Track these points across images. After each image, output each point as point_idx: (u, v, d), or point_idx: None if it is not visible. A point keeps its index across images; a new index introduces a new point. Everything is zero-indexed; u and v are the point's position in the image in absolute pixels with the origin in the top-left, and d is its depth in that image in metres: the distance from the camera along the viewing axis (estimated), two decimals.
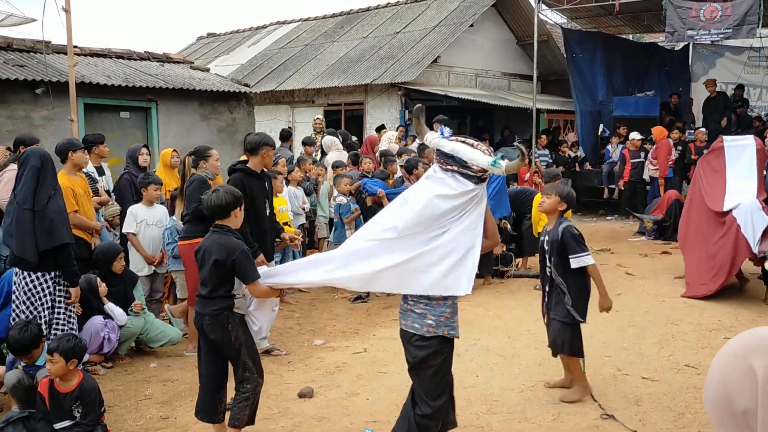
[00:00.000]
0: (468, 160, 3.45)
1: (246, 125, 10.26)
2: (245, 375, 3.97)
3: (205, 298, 3.92)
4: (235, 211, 3.98)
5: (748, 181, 7.71)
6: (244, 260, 3.82)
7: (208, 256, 3.87)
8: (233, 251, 3.81)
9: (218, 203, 3.93)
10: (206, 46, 22.85)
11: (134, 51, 10.53)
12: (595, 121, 15.15)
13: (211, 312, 3.89)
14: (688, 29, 12.41)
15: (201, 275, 3.99)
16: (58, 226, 4.60)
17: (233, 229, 3.97)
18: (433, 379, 3.61)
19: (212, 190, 4.07)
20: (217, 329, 3.89)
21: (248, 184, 5.44)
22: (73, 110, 7.34)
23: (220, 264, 3.82)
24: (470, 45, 16.41)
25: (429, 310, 3.50)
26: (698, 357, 5.73)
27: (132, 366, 5.67)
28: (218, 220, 3.98)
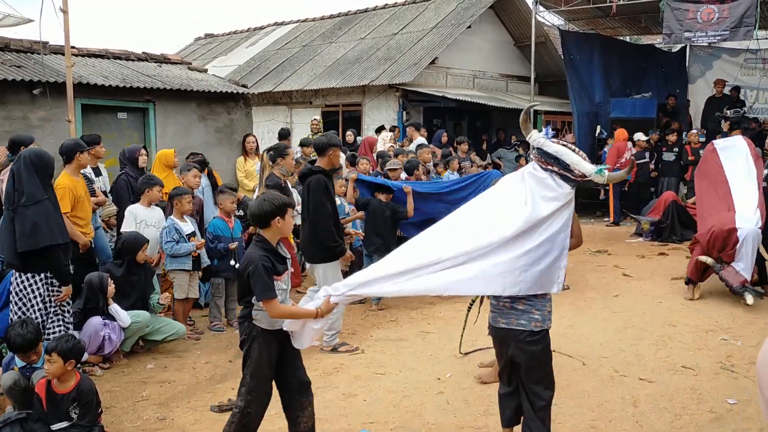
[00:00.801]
0: (571, 164, 3.54)
1: (244, 126, 10.25)
2: (241, 390, 3.81)
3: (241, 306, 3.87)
4: (275, 220, 3.77)
5: (747, 181, 7.74)
6: (257, 275, 3.64)
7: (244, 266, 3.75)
8: (250, 263, 3.68)
9: (259, 212, 3.76)
10: (204, 47, 22.83)
11: (132, 52, 10.51)
12: (592, 123, 15.17)
13: (242, 314, 3.84)
14: (685, 31, 12.43)
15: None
16: (41, 227, 4.57)
17: (267, 240, 3.79)
18: (549, 369, 3.77)
19: (261, 198, 3.91)
20: (242, 334, 3.83)
21: (328, 184, 5.77)
22: (71, 111, 7.33)
23: (241, 275, 3.77)
24: (468, 46, 16.42)
25: (534, 305, 3.61)
26: (695, 358, 5.74)
27: (129, 367, 5.66)
28: (260, 227, 3.83)
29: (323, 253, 5.80)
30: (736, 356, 5.80)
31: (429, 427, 4.49)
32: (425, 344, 6.16)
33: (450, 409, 4.77)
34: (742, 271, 7.13)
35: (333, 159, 5.87)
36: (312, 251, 5.85)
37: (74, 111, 7.45)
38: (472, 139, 14.42)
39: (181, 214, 6.45)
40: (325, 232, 5.73)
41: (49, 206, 4.69)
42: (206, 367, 5.68)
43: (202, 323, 6.85)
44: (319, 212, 5.73)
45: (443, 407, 4.78)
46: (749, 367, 5.55)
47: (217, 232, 6.68)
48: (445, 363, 5.67)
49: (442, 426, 4.51)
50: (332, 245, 5.77)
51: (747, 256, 7.16)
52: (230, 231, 6.77)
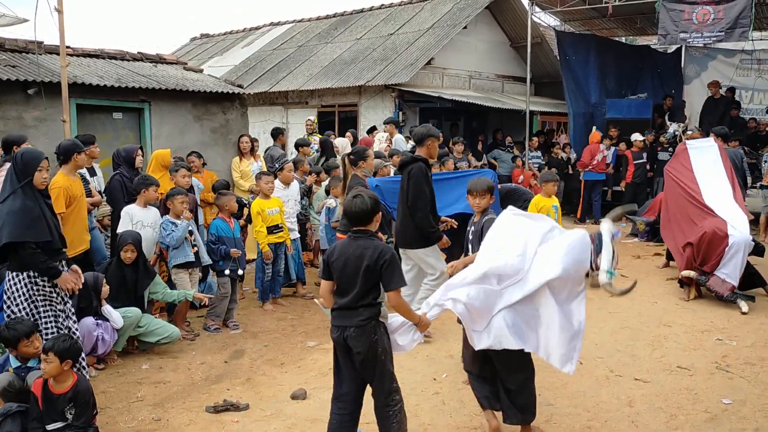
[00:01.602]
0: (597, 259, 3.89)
1: (239, 126, 10.22)
2: (393, 386, 3.83)
3: (347, 309, 3.75)
4: (377, 216, 3.84)
5: (718, 180, 7.82)
6: (394, 264, 3.70)
7: (357, 263, 3.70)
8: (383, 255, 3.68)
9: (364, 209, 3.77)
10: (200, 47, 22.80)
11: (127, 52, 10.48)
12: (588, 123, 15.18)
13: (357, 323, 3.71)
14: (680, 32, 12.45)
15: (340, 283, 3.80)
16: (5, 226, 4.49)
17: (375, 234, 3.85)
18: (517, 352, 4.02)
19: (353, 196, 3.87)
20: (363, 341, 3.72)
21: (427, 172, 6.04)
22: (66, 111, 7.31)
23: (371, 270, 3.68)
24: (464, 47, 16.43)
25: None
26: (690, 358, 5.75)
27: (124, 368, 5.65)
28: (360, 226, 3.82)
29: (421, 240, 6.04)
30: (731, 356, 5.81)
31: (425, 427, 4.49)
32: (421, 345, 6.13)
33: (446, 409, 4.77)
34: (728, 278, 7.21)
35: (431, 149, 6.10)
36: (409, 237, 6.04)
37: (69, 111, 7.42)
38: (468, 140, 14.44)
39: (176, 215, 6.44)
40: (423, 218, 5.96)
41: (19, 203, 4.52)
42: (201, 367, 5.67)
43: (198, 324, 6.83)
44: (419, 199, 5.95)
45: (439, 408, 4.78)
46: (744, 367, 5.57)
47: (220, 233, 6.67)
48: (441, 364, 5.67)
49: (437, 426, 4.51)
50: (430, 231, 6.00)
51: (734, 263, 7.23)
52: (232, 231, 6.78)
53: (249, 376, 5.44)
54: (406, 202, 6.01)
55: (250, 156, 9.47)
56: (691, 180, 8.00)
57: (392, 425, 3.81)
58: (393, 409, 3.81)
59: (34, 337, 4.41)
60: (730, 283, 7.18)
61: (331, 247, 3.98)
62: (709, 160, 8.08)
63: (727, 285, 7.18)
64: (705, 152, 8.20)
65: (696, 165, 8.11)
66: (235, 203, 6.94)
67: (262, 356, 5.94)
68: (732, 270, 7.20)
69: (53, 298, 4.79)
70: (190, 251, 6.38)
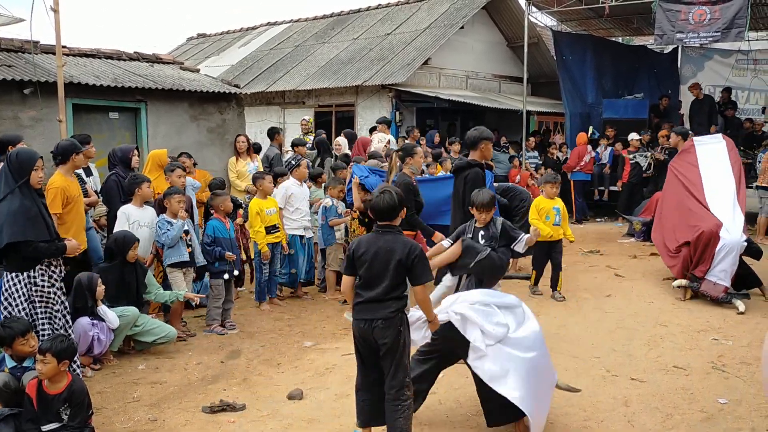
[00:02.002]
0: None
1: (236, 126, 10.22)
2: (406, 381, 3.93)
3: (375, 302, 3.87)
4: (402, 211, 4.02)
5: (723, 178, 7.80)
6: (424, 258, 3.90)
7: (387, 256, 3.84)
8: (413, 250, 3.85)
9: (391, 204, 3.93)
10: (196, 47, 22.77)
11: (123, 51, 10.47)
12: (585, 124, 15.20)
13: (386, 315, 3.84)
14: (677, 32, 12.47)
15: (367, 276, 3.90)
16: (6, 226, 4.51)
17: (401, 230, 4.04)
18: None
19: (381, 191, 4.03)
20: (391, 332, 3.85)
21: (483, 177, 6.17)
22: (62, 111, 7.30)
23: (402, 263, 3.82)
24: (461, 47, 16.43)
25: None
26: (687, 358, 5.76)
27: (120, 368, 5.64)
28: (386, 221, 3.96)
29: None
30: (727, 356, 5.82)
31: (421, 427, 4.49)
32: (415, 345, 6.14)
33: (442, 409, 4.77)
34: (720, 281, 7.24)
35: (485, 152, 6.17)
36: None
37: (65, 111, 7.41)
38: None
39: (173, 214, 6.43)
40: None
41: (17, 202, 4.55)
42: (198, 368, 5.66)
43: (194, 324, 6.82)
44: None
45: (435, 408, 4.78)
46: (740, 366, 5.57)
47: (217, 234, 6.66)
48: None
49: (434, 426, 4.50)
50: None
51: (725, 264, 7.27)
52: (227, 231, 6.78)
53: (245, 377, 5.43)
54: (462, 206, 6.04)
55: (247, 156, 9.46)
56: (696, 176, 7.96)
57: (399, 420, 3.88)
58: (403, 403, 3.90)
59: (29, 336, 4.40)
60: (722, 285, 7.21)
61: (356, 241, 4.09)
62: (716, 157, 8.04)
63: (719, 287, 7.21)
64: (712, 149, 8.17)
65: (702, 161, 8.08)
66: (230, 203, 6.93)
67: (259, 356, 5.93)
68: (723, 271, 7.24)
69: (50, 299, 4.79)
70: (185, 251, 6.37)
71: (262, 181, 7.39)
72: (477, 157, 6.15)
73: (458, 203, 6.16)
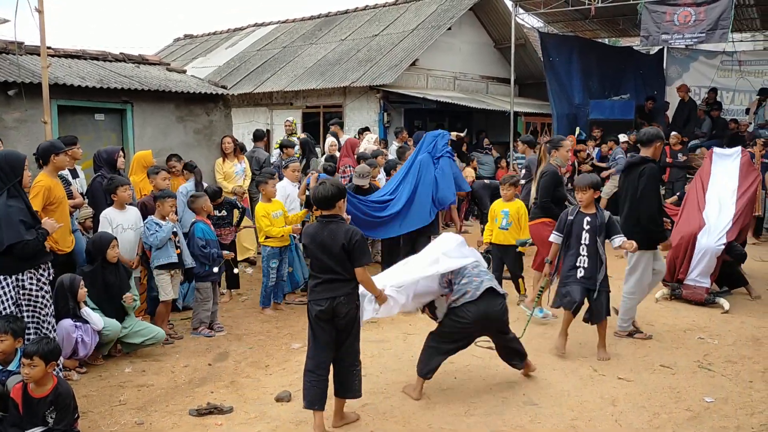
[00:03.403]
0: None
1: (223, 128, 10.17)
2: (358, 349, 4.48)
3: (336, 282, 4.28)
4: (339, 202, 4.40)
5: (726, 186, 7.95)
6: (363, 243, 4.33)
7: (332, 243, 4.25)
8: (354, 235, 4.27)
9: (327, 195, 4.33)
10: (183, 48, 22.67)
11: (109, 52, 10.39)
12: (572, 124, 15.28)
13: (346, 292, 4.29)
14: (662, 33, 12.57)
15: (319, 262, 4.32)
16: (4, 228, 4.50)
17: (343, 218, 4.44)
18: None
19: (319, 183, 4.46)
20: (350, 307, 4.32)
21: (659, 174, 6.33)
22: (47, 112, 7.23)
23: (344, 249, 4.24)
24: (448, 48, 16.47)
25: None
26: (673, 357, 5.80)
27: (106, 371, 5.59)
28: (327, 210, 4.37)
29: (646, 240, 6.06)
30: (713, 355, 5.86)
31: (409, 428, 4.49)
32: (406, 345, 6.15)
33: (430, 410, 4.76)
34: (699, 283, 7.37)
35: (657, 150, 6.23)
36: (633, 237, 5.95)
37: (50, 112, 7.34)
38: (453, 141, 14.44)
39: (162, 216, 6.39)
40: (651, 219, 6.07)
41: (13, 203, 4.58)
42: (185, 370, 5.63)
43: (181, 326, 6.78)
44: (649, 199, 6.08)
45: (424, 408, 4.78)
46: (726, 365, 5.62)
47: (206, 236, 6.62)
48: None
49: (422, 427, 4.50)
50: (656, 231, 6.16)
51: (702, 267, 7.42)
52: (212, 232, 6.74)
53: (233, 379, 5.41)
54: (634, 202, 6.10)
55: (234, 157, 9.41)
56: (704, 184, 8.22)
57: (355, 382, 4.46)
58: (357, 369, 4.48)
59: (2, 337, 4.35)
60: (702, 286, 7.32)
61: (304, 231, 4.57)
62: (727, 166, 8.23)
63: (699, 290, 7.32)
64: (727, 159, 8.35)
65: (714, 170, 8.32)
66: (209, 203, 6.87)
67: (247, 358, 5.91)
68: (701, 274, 7.42)
69: (38, 302, 4.77)
70: (174, 252, 6.33)
71: (265, 185, 7.31)
72: (650, 154, 6.20)
73: (633, 200, 6.13)
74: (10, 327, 4.36)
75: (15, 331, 4.36)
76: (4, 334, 4.32)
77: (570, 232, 5.88)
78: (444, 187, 7.95)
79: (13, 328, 4.37)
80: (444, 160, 7.99)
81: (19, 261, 4.63)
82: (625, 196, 6.27)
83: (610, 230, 5.78)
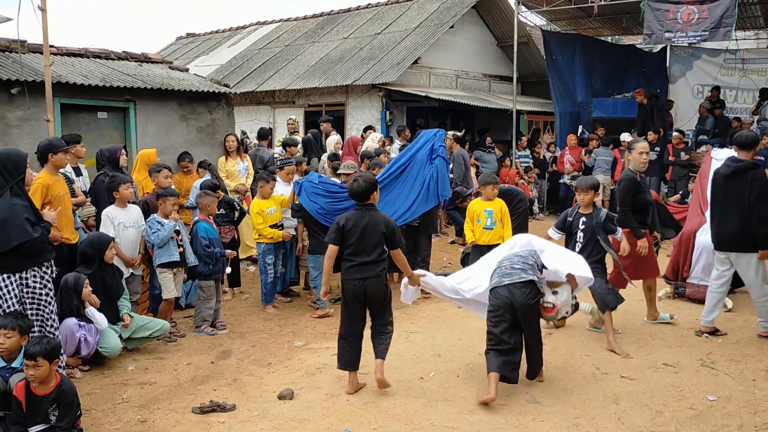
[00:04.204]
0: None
1: (225, 126, 10.17)
2: (390, 319, 5.12)
3: (367, 264, 4.90)
4: (374, 194, 5.01)
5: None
6: (397, 230, 5.04)
7: (374, 228, 4.90)
8: (389, 222, 5.00)
9: (361, 189, 4.94)
10: (185, 47, 22.67)
11: (112, 51, 10.38)
12: (575, 123, 15.25)
13: (376, 273, 4.91)
14: (665, 31, 12.54)
15: (358, 245, 4.91)
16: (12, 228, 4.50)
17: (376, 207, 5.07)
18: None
19: (353, 180, 5.04)
20: (380, 285, 4.95)
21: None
22: (50, 110, 7.24)
23: (384, 234, 4.90)
24: (451, 46, 16.44)
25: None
26: (676, 356, 5.79)
27: (109, 369, 5.60)
28: (364, 201, 4.98)
29: (751, 244, 6.00)
30: (716, 353, 5.85)
31: (412, 426, 4.49)
32: (408, 344, 6.15)
33: (433, 408, 4.76)
34: (701, 281, 7.35)
35: (752, 155, 6.20)
36: (745, 241, 5.96)
37: (53, 110, 7.35)
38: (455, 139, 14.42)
39: (164, 215, 6.39)
40: (765, 224, 5.94)
41: (17, 202, 4.58)
42: (188, 368, 5.63)
43: (184, 324, 6.79)
44: (764, 203, 5.96)
45: (426, 407, 4.78)
46: (729, 364, 5.61)
47: (209, 235, 6.63)
48: (428, 362, 5.67)
49: (424, 426, 4.50)
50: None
51: (702, 265, 7.42)
52: (216, 232, 6.75)
53: (236, 377, 5.41)
54: (746, 206, 5.97)
55: (237, 155, 9.42)
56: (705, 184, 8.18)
57: (383, 344, 5.05)
58: (387, 333, 5.09)
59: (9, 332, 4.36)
60: (705, 285, 7.28)
61: (343, 217, 5.03)
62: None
63: (702, 288, 7.29)
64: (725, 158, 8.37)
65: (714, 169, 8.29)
66: (215, 206, 6.88)
67: (249, 356, 5.91)
68: (703, 271, 7.41)
69: (42, 301, 4.77)
70: (176, 251, 6.33)
71: (265, 184, 7.33)
72: (749, 157, 6.13)
73: (741, 203, 6.00)
74: (18, 323, 4.35)
75: (22, 327, 4.36)
76: (11, 330, 4.30)
77: (570, 232, 6.16)
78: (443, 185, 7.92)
79: (20, 324, 4.36)
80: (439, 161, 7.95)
81: (22, 259, 4.64)
82: (728, 201, 6.11)
83: (610, 228, 6.03)
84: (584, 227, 6.05)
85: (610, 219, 6.10)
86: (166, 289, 6.34)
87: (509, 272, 4.98)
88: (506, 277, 4.95)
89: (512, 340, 4.87)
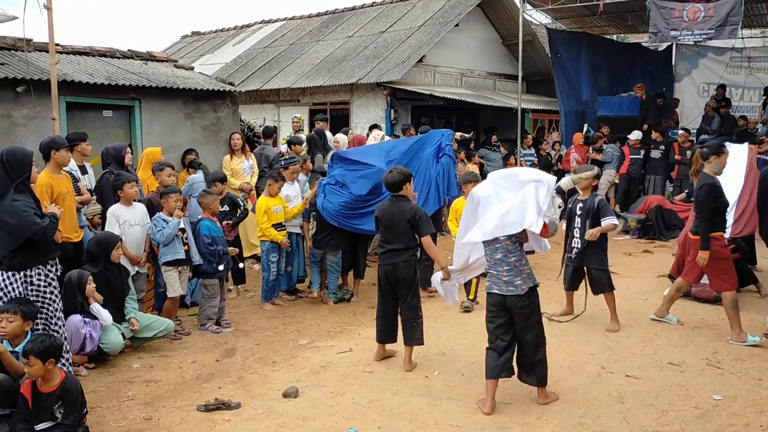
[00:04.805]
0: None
1: (230, 124, 10.18)
2: (419, 305, 5.51)
3: (397, 251, 5.38)
4: (406, 185, 5.42)
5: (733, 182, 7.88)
6: (426, 218, 5.38)
7: (400, 218, 5.31)
8: (417, 211, 5.36)
9: (395, 181, 5.38)
10: (191, 45, 22.70)
11: (117, 49, 10.41)
12: (580, 121, 15.22)
13: (405, 258, 5.37)
14: (671, 30, 12.51)
15: (387, 233, 5.42)
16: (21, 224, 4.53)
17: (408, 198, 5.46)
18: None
19: (389, 171, 5.49)
20: (409, 270, 5.39)
21: None
22: (55, 109, 7.26)
23: (410, 222, 5.28)
24: (455, 45, 16.42)
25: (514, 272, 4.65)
26: (681, 355, 5.77)
27: (114, 367, 5.61)
28: (396, 191, 5.40)
29: None
30: (722, 352, 5.84)
31: (416, 425, 4.49)
32: None
33: (437, 407, 4.76)
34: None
35: None
36: None
37: (59, 109, 7.37)
38: None
39: (168, 212, 6.40)
40: None
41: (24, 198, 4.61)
42: (193, 366, 5.65)
43: (189, 322, 6.80)
44: None
45: (431, 405, 4.78)
46: (735, 363, 5.59)
47: (212, 233, 6.64)
48: (433, 361, 5.67)
49: (429, 424, 4.50)
50: None
51: None
52: (219, 230, 6.76)
53: (240, 375, 5.42)
54: None
55: (242, 154, 9.43)
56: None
57: (415, 332, 5.45)
58: (417, 321, 5.47)
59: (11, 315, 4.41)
60: None
61: (377, 207, 5.56)
62: (735, 162, 8.15)
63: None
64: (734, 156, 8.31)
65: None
66: (218, 204, 6.89)
67: (254, 354, 5.92)
68: None
69: (47, 298, 4.77)
70: (181, 249, 6.34)
71: (274, 183, 7.33)
72: None
73: None
74: (20, 308, 4.40)
75: (25, 313, 4.41)
76: (13, 315, 4.37)
77: (570, 217, 6.69)
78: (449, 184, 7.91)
79: (23, 309, 4.41)
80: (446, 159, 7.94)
81: (29, 257, 4.65)
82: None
83: (600, 213, 6.41)
84: (581, 212, 6.56)
85: (602, 206, 6.49)
86: (171, 287, 6.35)
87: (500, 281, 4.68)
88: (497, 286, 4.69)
89: (507, 337, 4.67)
